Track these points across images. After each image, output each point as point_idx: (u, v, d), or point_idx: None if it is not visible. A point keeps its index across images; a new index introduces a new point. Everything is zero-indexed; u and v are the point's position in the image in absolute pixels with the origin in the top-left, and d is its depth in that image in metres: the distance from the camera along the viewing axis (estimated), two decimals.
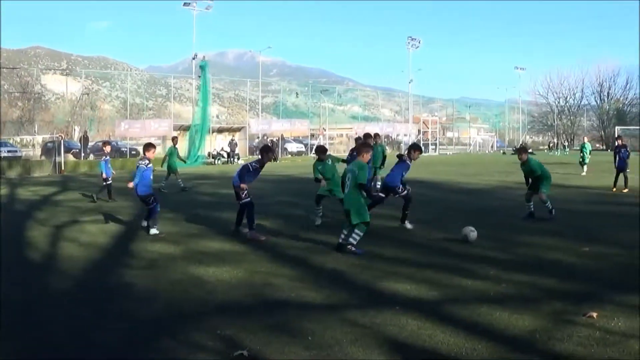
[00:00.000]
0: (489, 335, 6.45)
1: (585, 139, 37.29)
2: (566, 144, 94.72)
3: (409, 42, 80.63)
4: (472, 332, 6.56)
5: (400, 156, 14.01)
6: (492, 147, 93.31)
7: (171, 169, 24.37)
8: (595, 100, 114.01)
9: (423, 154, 15.40)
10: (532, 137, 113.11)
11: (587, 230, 13.37)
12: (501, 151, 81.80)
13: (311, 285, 8.68)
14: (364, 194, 10.93)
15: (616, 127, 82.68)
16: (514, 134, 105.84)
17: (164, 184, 23.70)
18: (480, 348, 6.10)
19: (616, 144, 25.10)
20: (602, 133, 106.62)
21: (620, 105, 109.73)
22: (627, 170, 23.38)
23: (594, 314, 7.05)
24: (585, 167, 32.44)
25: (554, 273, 9.31)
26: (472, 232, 11.87)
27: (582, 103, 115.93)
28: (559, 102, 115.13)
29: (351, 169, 10.94)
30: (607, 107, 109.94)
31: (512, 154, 72.96)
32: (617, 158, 23.63)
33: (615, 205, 18.58)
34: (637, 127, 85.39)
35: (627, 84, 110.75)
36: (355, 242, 10.79)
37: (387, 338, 6.42)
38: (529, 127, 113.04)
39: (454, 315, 7.22)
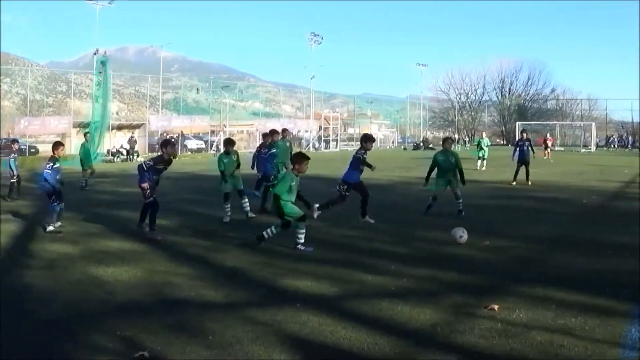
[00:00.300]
0: (390, 330, 6.53)
1: (484, 134, 38.51)
2: (467, 139, 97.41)
3: (311, 38, 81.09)
4: (374, 327, 6.62)
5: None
6: (392, 142, 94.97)
7: (84, 165, 24.17)
8: (497, 96, 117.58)
9: (323, 150, 15.49)
10: (433, 133, 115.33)
11: (487, 224, 13.73)
12: (402, 147, 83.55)
13: (211, 284, 8.62)
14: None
15: (517, 123, 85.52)
16: (415, 129, 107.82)
17: (83, 182, 23.63)
18: (382, 343, 6.16)
19: (520, 137, 25.98)
20: (503, 128, 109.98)
21: (522, 101, 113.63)
22: (529, 165, 24.27)
23: (495, 306, 7.24)
24: (484, 162, 33.50)
25: (455, 267, 9.54)
26: (461, 237, 11.55)
27: (484, 99, 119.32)
28: (460, 98, 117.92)
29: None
30: (509, 102, 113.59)
31: (413, 149, 74.60)
32: (520, 152, 24.46)
33: (515, 199, 19.22)
34: (538, 123, 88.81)
35: (528, 79, 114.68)
36: (302, 241, 10.80)
37: (288, 335, 6.42)
38: (430, 122, 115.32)
39: (355, 311, 7.28)
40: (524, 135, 25.64)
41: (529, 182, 23.43)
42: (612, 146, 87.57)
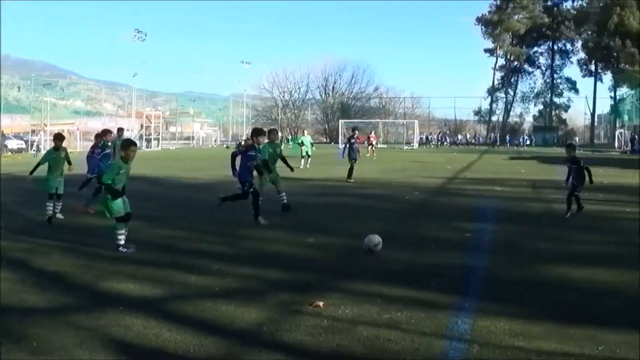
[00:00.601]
0: (215, 331, 6.48)
1: (306, 132, 39.25)
2: (290, 137, 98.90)
3: (134, 35, 79.37)
4: (199, 328, 6.55)
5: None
6: (215, 141, 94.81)
7: None
8: (320, 95, 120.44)
9: (145, 149, 15.19)
10: None
11: (310, 221, 13.93)
12: (225, 145, 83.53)
13: (33, 289, 8.26)
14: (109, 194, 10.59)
15: (340, 121, 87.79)
16: (238, 128, 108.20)
17: None
18: (207, 344, 6.10)
19: (351, 135, 26.59)
20: (327, 126, 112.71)
21: (345, 100, 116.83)
22: (355, 161, 24.91)
23: (321, 303, 7.31)
24: (309, 160, 34.05)
25: (279, 265, 9.60)
26: (376, 246, 10.84)
27: (307, 97, 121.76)
28: (283, 96, 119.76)
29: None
30: (332, 101, 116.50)
31: (235, 148, 74.62)
32: (350, 149, 25.15)
33: (339, 196, 19.63)
34: (362, 121, 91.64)
35: (352, 78, 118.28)
36: (122, 243, 10.54)
37: (113, 339, 6.25)
38: (253, 121, 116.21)
39: (179, 313, 7.19)
40: (356, 132, 26.42)
41: (352, 180, 24.07)
42: (442, 143, 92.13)
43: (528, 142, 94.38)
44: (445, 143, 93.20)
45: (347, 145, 25.54)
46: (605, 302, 7.77)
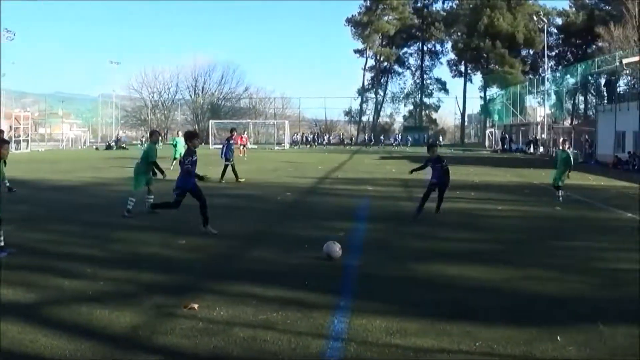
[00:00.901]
0: (91, 335, 6.40)
1: (179, 134, 38.87)
2: (160, 138, 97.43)
3: (3, 34, 76.17)
4: (74, 332, 6.46)
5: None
6: (84, 143, 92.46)
7: None
8: (190, 95, 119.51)
9: (14, 151, 14.74)
10: (125, 132, 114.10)
11: (182, 223, 13.80)
12: (94, 147, 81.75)
13: None
14: None
15: (210, 121, 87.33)
16: (107, 129, 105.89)
17: None
18: (83, 349, 6.02)
19: (229, 135, 27.21)
20: (197, 127, 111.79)
21: (215, 100, 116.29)
22: (232, 162, 25.01)
23: (195, 305, 7.33)
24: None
25: (152, 267, 9.57)
26: (336, 252, 10.54)
27: (177, 97, 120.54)
28: (153, 97, 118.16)
29: None
30: (202, 101, 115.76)
31: (105, 149, 72.97)
32: (227, 149, 25.39)
33: (210, 197, 19.55)
34: (232, 121, 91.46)
35: (222, 78, 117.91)
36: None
37: None
38: (122, 121, 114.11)
39: (54, 317, 7.07)
40: (234, 133, 27.26)
41: (223, 181, 24.24)
42: (315, 143, 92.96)
43: (398, 142, 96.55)
44: (317, 143, 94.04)
45: (226, 146, 25.58)
46: (479, 298, 8.10)
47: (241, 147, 49.65)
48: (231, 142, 26.12)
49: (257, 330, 6.53)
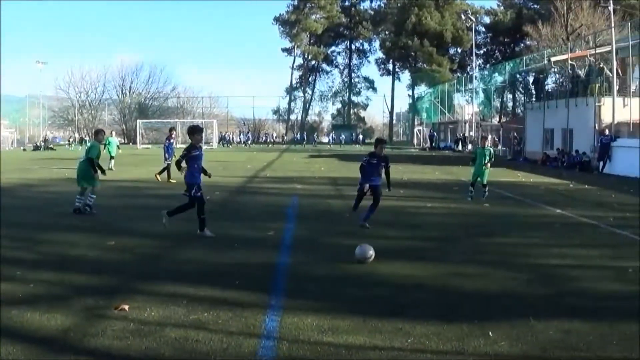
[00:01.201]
0: (23, 338, 6.35)
1: (113, 134, 38.43)
2: (87, 138, 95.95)
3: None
4: (6, 336, 6.38)
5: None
6: (12, 144, 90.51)
7: None
8: (117, 94, 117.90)
9: None
10: (53, 133, 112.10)
11: (111, 224, 13.74)
12: (22, 148, 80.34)
13: None
14: None
15: (138, 121, 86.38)
16: (35, 129, 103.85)
17: None
18: (15, 352, 5.97)
19: (168, 135, 27.14)
20: (124, 127, 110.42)
21: (143, 99, 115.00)
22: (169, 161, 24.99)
23: (126, 307, 7.32)
24: (112, 161, 33.37)
25: (82, 269, 9.50)
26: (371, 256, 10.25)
27: (104, 97, 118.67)
28: (80, 97, 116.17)
29: None
30: (129, 100, 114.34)
31: (33, 150, 71.63)
32: (169, 149, 25.60)
33: (141, 197, 19.46)
34: (159, 120, 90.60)
35: (149, 78, 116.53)
36: None
37: None
38: (49, 122, 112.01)
39: None
40: (173, 133, 27.12)
41: (170, 180, 24.45)
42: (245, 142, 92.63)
43: (327, 140, 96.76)
44: (247, 142, 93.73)
45: (167, 146, 25.74)
46: (410, 295, 8.26)
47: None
48: (172, 141, 26.22)
49: (189, 331, 6.55)
